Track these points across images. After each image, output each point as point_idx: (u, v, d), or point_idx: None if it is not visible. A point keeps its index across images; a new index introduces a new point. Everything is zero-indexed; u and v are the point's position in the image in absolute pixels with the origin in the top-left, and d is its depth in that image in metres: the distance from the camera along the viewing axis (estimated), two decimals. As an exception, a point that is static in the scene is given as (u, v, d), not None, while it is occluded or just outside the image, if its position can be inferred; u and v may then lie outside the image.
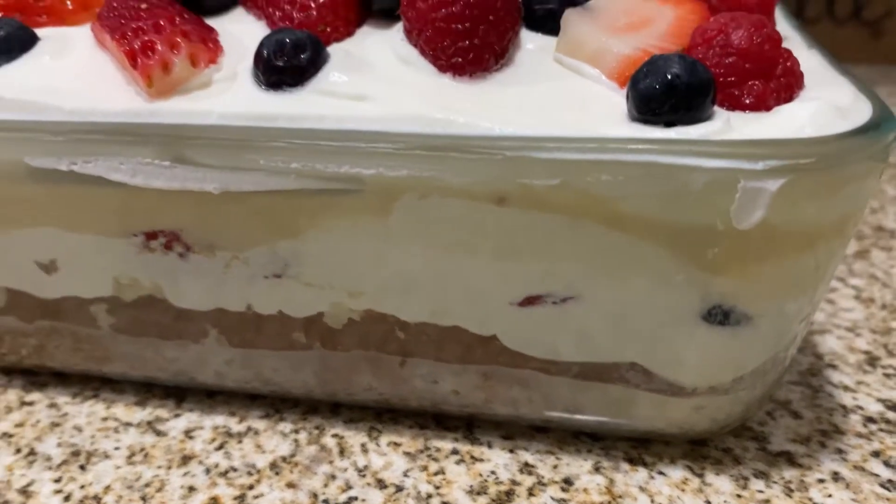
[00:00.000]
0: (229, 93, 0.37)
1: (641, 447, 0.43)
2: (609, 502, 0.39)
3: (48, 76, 0.39)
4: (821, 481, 0.40)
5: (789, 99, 0.34)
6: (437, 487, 0.40)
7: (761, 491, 0.40)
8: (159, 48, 0.37)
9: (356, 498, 0.40)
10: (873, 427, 0.44)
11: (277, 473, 0.42)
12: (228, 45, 0.39)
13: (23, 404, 0.47)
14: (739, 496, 0.39)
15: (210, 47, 0.38)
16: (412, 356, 0.41)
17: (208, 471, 0.42)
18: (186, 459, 0.43)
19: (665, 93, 0.32)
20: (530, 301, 0.38)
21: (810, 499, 0.39)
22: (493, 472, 0.41)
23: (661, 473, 0.41)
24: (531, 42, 0.38)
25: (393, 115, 0.34)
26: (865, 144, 0.31)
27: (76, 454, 0.43)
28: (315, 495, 0.40)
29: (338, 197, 0.36)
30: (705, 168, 0.31)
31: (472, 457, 0.42)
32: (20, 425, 0.46)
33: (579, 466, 0.42)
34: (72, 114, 0.37)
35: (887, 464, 0.41)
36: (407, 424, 0.45)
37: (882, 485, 0.40)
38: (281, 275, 0.39)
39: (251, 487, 0.41)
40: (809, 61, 0.38)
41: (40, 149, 0.37)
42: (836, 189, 0.33)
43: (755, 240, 0.33)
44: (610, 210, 0.33)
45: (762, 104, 0.33)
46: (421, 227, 0.36)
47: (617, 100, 0.34)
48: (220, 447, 0.43)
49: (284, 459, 0.42)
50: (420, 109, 0.34)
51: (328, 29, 0.38)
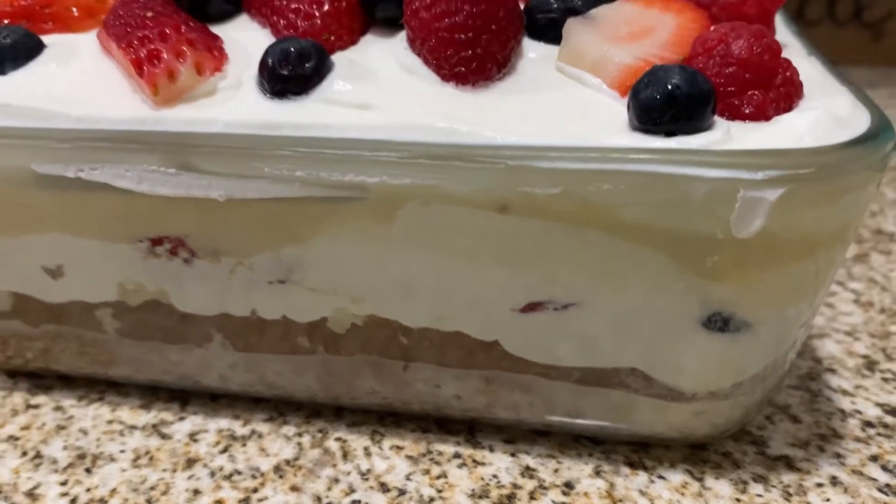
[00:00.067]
0: (234, 101, 0.37)
1: (642, 451, 0.43)
2: (609, 506, 0.40)
3: (55, 83, 0.39)
4: (819, 485, 0.41)
5: (789, 108, 0.34)
6: (440, 491, 0.41)
7: (760, 495, 0.40)
8: (165, 56, 0.37)
9: (359, 501, 0.40)
10: (871, 431, 0.44)
11: (281, 477, 0.42)
12: (233, 53, 0.39)
13: (28, 407, 0.48)
14: (738, 500, 0.40)
15: (215, 55, 0.38)
16: (415, 361, 0.42)
17: (213, 474, 0.42)
18: (191, 462, 0.43)
19: (666, 103, 0.32)
20: (532, 307, 0.38)
21: (809, 503, 0.40)
22: (495, 476, 0.42)
23: (661, 477, 0.41)
24: (533, 51, 0.38)
25: (396, 124, 0.35)
26: (864, 154, 0.32)
27: (82, 457, 0.44)
28: (319, 499, 0.41)
29: (342, 204, 0.36)
30: (705, 178, 0.31)
31: (474, 460, 0.43)
32: (26, 428, 0.46)
33: (580, 470, 0.42)
34: (78, 121, 0.37)
35: (885, 468, 0.42)
36: (409, 428, 0.45)
37: (880, 489, 0.40)
38: (285, 280, 0.40)
39: (255, 490, 0.41)
40: (809, 69, 0.38)
41: (47, 156, 0.37)
42: (835, 198, 0.33)
43: (755, 248, 0.33)
44: (611, 218, 0.34)
45: (762, 114, 0.34)
46: (424, 235, 0.36)
47: (618, 109, 0.35)
48: (225, 450, 0.44)
49: (288, 463, 0.43)
50: (423, 118, 0.35)
51: (332, 37, 0.39)
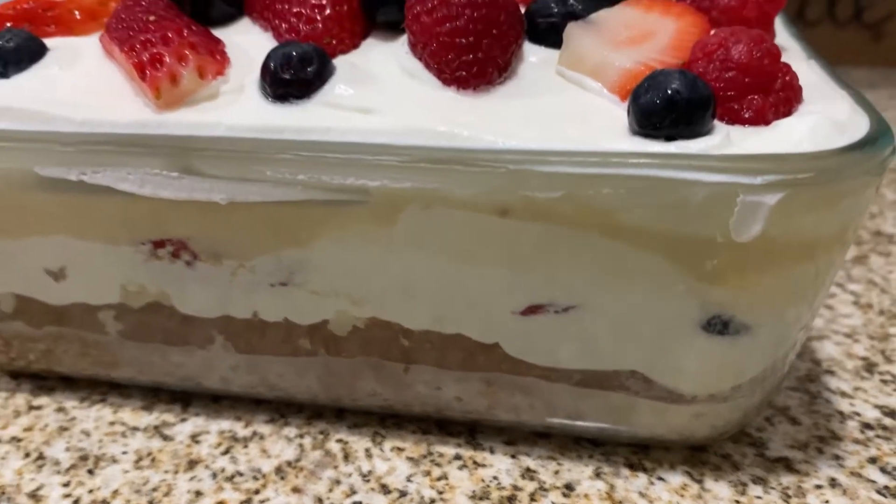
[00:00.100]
0: (237, 105, 0.37)
1: (641, 453, 0.43)
2: (609, 508, 0.40)
3: (57, 87, 0.39)
4: (818, 487, 0.41)
5: (788, 113, 0.34)
6: (441, 493, 0.41)
7: (759, 497, 0.40)
8: (167, 60, 0.37)
9: (360, 503, 0.40)
10: (870, 433, 0.45)
11: (283, 478, 0.42)
12: (235, 57, 0.39)
13: (31, 408, 0.48)
14: (738, 502, 0.40)
15: (217, 59, 0.39)
16: (416, 363, 0.42)
17: (215, 475, 0.42)
18: (193, 464, 0.43)
19: (666, 108, 0.32)
20: (532, 310, 0.38)
21: (808, 505, 0.40)
22: (496, 478, 0.42)
23: (661, 479, 0.42)
24: (534, 55, 0.39)
25: (398, 128, 0.35)
26: (862, 159, 0.32)
27: (84, 458, 0.44)
28: (320, 500, 0.41)
29: (343, 208, 0.36)
30: (705, 182, 0.31)
31: (475, 462, 0.43)
32: (29, 429, 0.46)
33: (580, 472, 0.42)
34: (81, 125, 0.37)
35: (884, 470, 0.42)
36: (410, 430, 0.45)
37: (878, 491, 0.41)
38: (287, 283, 0.40)
39: (257, 492, 0.41)
40: (808, 73, 0.39)
41: (50, 159, 0.37)
42: (834, 202, 0.33)
43: (754, 251, 0.33)
44: (611, 222, 0.34)
45: (761, 118, 0.34)
46: (425, 238, 0.37)
47: (618, 113, 0.35)
48: (226, 452, 0.44)
49: (290, 464, 0.43)
50: (425, 122, 0.35)
51: (334, 41, 0.39)
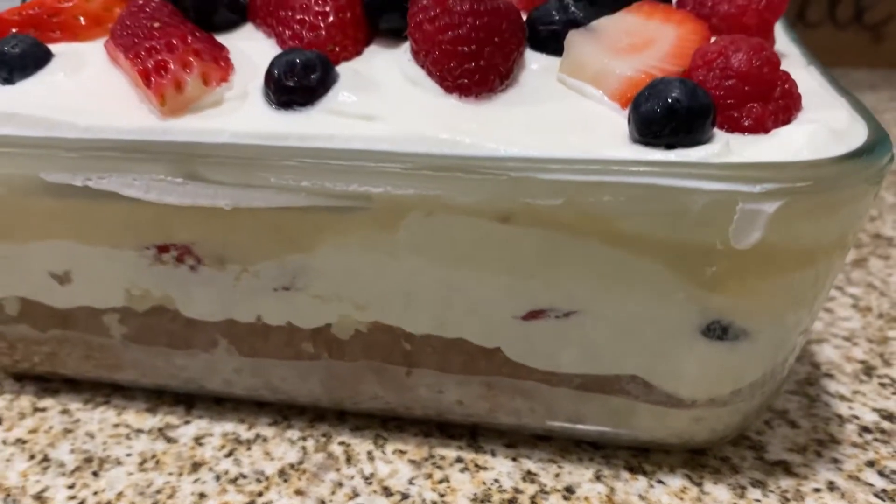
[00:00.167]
0: (241, 111, 0.38)
1: (641, 456, 0.44)
2: (609, 511, 0.40)
3: (63, 93, 0.40)
4: (816, 490, 0.41)
5: (787, 121, 0.35)
6: (442, 495, 0.41)
7: (758, 500, 0.41)
8: (172, 67, 0.37)
9: (363, 505, 0.41)
10: (868, 437, 0.45)
11: (286, 481, 0.43)
12: (239, 64, 0.40)
13: (35, 410, 0.48)
14: (737, 505, 0.40)
15: (222, 66, 0.39)
16: (417, 367, 0.42)
17: (218, 477, 0.43)
18: (197, 466, 0.44)
19: (666, 116, 0.32)
20: (533, 315, 0.38)
21: (806, 508, 0.40)
22: (497, 481, 0.42)
23: (661, 482, 0.42)
24: (535, 62, 0.39)
25: (400, 136, 0.35)
26: (860, 168, 0.32)
27: (89, 460, 0.44)
28: (323, 502, 0.41)
29: (346, 214, 0.37)
30: (705, 190, 0.32)
31: (476, 465, 0.43)
32: (33, 431, 0.47)
33: (581, 475, 0.43)
34: (86, 131, 0.38)
35: (882, 473, 0.42)
36: (412, 433, 0.46)
37: (876, 494, 0.41)
38: (290, 287, 0.40)
39: (260, 494, 0.42)
40: (808, 80, 0.39)
41: (55, 165, 0.38)
42: (833, 210, 0.33)
43: (753, 258, 0.34)
44: (612, 229, 0.34)
45: (761, 126, 0.34)
46: (427, 244, 0.37)
47: (618, 121, 0.35)
48: (230, 454, 0.44)
49: (292, 466, 0.43)
50: (427, 130, 0.35)
51: (337, 48, 0.39)
